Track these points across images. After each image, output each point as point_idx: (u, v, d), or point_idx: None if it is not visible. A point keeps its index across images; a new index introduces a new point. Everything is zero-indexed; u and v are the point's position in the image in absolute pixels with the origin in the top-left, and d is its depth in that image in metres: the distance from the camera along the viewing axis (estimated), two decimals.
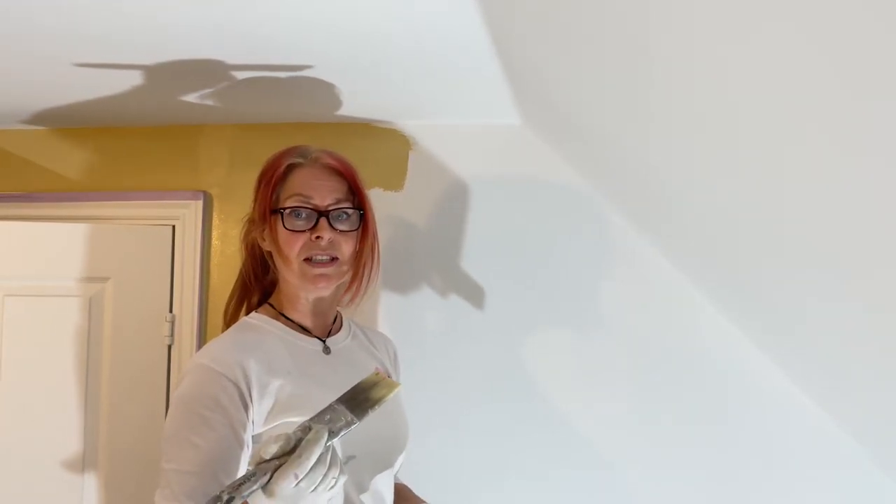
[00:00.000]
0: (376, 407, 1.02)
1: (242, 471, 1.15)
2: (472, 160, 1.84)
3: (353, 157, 1.38)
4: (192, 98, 1.71)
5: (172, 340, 1.87)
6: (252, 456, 0.96)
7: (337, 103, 1.74)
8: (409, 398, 1.42)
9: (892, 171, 0.82)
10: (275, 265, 1.31)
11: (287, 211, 1.24)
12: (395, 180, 1.85)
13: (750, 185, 1.16)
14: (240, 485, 0.91)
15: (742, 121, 1.00)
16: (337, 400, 1.03)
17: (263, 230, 1.28)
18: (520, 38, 1.31)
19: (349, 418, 1.00)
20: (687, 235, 1.64)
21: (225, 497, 0.90)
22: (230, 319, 1.37)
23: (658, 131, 1.29)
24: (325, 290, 1.27)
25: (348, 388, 1.14)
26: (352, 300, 1.35)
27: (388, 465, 1.28)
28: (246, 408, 1.15)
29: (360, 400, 1.03)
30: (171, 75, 1.56)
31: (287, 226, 1.23)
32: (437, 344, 1.81)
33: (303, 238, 1.23)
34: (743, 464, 1.70)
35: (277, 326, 1.28)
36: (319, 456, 0.94)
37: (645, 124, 1.30)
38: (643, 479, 1.74)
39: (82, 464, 1.77)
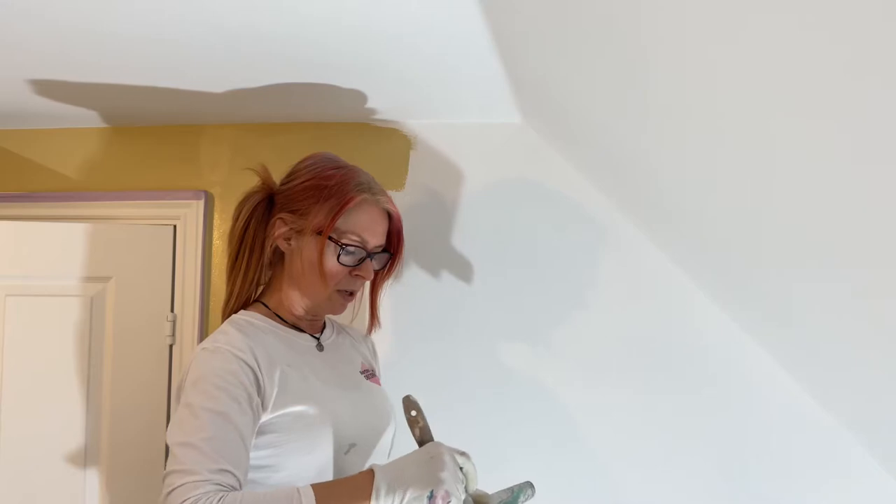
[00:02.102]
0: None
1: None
2: (472, 159, 1.84)
3: (354, 157, 1.39)
4: (193, 97, 1.71)
5: (174, 340, 1.87)
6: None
7: (338, 103, 1.74)
8: (398, 396, 1.43)
9: (890, 168, 0.82)
10: (284, 267, 1.32)
11: (345, 248, 1.27)
12: (396, 180, 1.85)
13: (748, 182, 1.16)
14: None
15: (741, 118, 1.01)
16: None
17: (299, 239, 1.28)
18: (520, 37, 1.32)
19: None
20: (686, 232, 1.64)
21: None
22: (235, 308, 1.34)
23: (657, 130, 1.29)
24: (337, 315, 1.36)
25: (338, 380, 1.30)
26: (369, 332, 1.46)
27: (381, 449, 1.33)
28: (260, 389, 1.17)
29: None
30: (172, 74, 1.57)
31: (341, 261, 1.27)
32: (437, 341, 1.81)
33: (344, 271, 1.28)
34: (741, 457, 1.70)
35: (272, 324, 1.30)
36: None
37: (644, 123, 1.31)
38: (641, 471, 1.74)
39: (84, 463, 1.77)
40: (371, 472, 1.10)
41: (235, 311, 1.32)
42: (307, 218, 1.27)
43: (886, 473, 1.65)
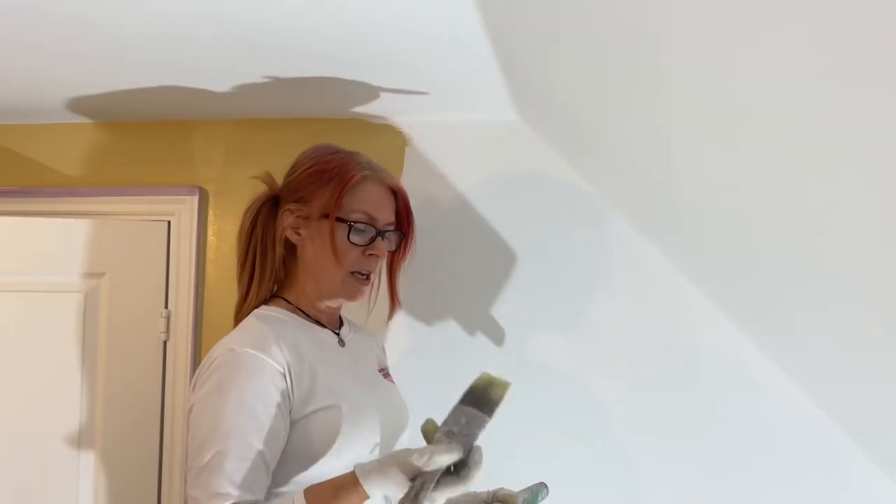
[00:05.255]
0: (500, 404, 1.11)
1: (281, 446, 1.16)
2: (467, 156, 1.84)
3: None
4: (187, 93, 1.70)
5: (168, 336, 1.87)
6: (408, 468, 1.04)
7: (333, 99, 1.74)
8: (405, 394, 1.43)
9: (891, 171, 0.82)
10: (298, 260, 1.31)
11: (353, 225, 1.26)
12: None
13: (748, 182, 1.16)
14: (415, 496, 1.01)
15: (741, 117, 1.00)
16: (462, 402, 1.12)
17: (308, 227, 1.28)
18: (517, 34, 1.32)
19: (482, 418, 1.10)
20: (684, 232, 1.64)
21: None
22: (247, 310, 1.32)
23: (655, 128, 1.29)
24: (353, 303, 1.33)
25: (362, 377, 1.29)
26: (390, 317, 1.45)
27: (399, 445, 1.33)
28: (290, 394, 1.17)
29: (483, 400, 1.12)
30: (167, 70, 1.56)
31: (352, 240, 1.26)
32: (432, 341, 1.81)
33: (357, 251, 1.27)
34: (741, 461, 1.70)
35: (295, 319, 1.29)
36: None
37: (641, 121, 1.31)
38: (641, 474, 1.74)
39: (78, 458, 1.77)
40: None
41: (251, 311, 1.30)
42: (312, 204, 1.27)
43: (880, 471, 1.66)
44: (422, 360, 1.80)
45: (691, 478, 1.72)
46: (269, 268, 1.31)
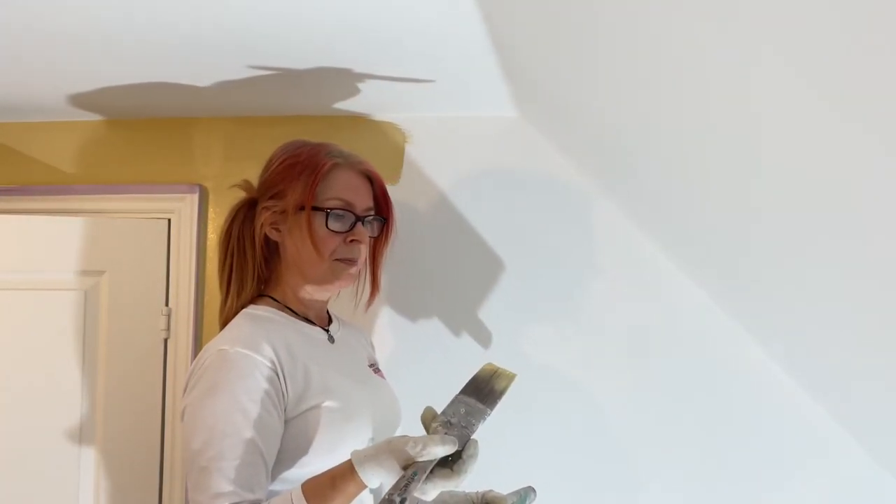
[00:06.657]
0: (503, 396, 1.09)
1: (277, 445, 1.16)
2: (468, 153, 1.84)
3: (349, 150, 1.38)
4: (187, 91, 1.70)
5: (169, 334, 1.87)
6: (401, 456, 1.03)
7: (332, 96, 1.73)
8: (401, 392, 1.43)
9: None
10: (280, 257, 1.31)
11: (330, 212, 1.26)
12: (390, 173, 1.84)
13: (751, 178, 1.16)
14: (406, 486, 0.99)
15: (743, 114, 1.00)
16: (463, 393, 1.11)
17: (286, 221, 1.27)
18: (515, 30, 1.31)
19: (483, 410, 1.08)
20: (685, 229, 1.64)
21: (397, 500, 0.97)
22: (230, 313, 1.31)
23: (655, 125, 1.29)
24: (344, 288, 1.33)
25: (353, 373, 1.28)
26: (369, 304, 1.43)
27: None
28: (284, 392, 1.17)
29: (486, 392, 1.10)
30: (167, 67, 1.56)
31: (330, 227, 1.26)
32: (432, 337, 1.81)
33: (338, 239, 1.27)
34: (739, 455, 1.71)
35: (285, 317, 1.29)
36: None
37: (642, 118, 1.31)
38: (636, 469, 1.74)
39: (78, 456, 1.77)
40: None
41: (237, 313, 1.29)
42: (287, 197, 1.27)
43: (879, 467, 1.66)
44: (415, 356, 1.80)
45: (688, 473, 1.72)
46: (250, 268, 1.31)
